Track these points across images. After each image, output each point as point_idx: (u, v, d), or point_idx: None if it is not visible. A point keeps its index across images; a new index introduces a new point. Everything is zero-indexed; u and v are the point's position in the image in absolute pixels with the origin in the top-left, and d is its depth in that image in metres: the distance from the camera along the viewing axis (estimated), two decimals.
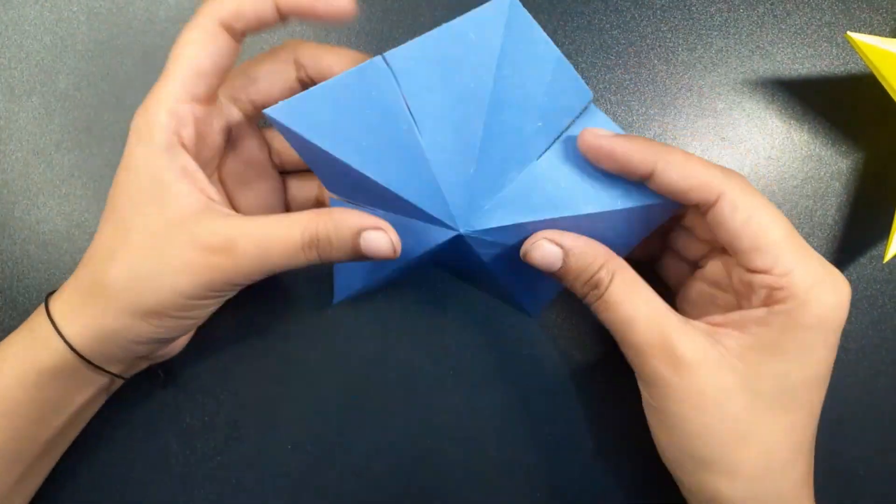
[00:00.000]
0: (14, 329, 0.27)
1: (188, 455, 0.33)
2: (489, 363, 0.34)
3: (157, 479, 0.33)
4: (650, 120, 0.35)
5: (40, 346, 0.26)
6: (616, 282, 0.26)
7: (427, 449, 0.33)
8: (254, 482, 0.33)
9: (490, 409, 0.34)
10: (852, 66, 0.35)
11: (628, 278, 0.26)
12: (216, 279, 0.25)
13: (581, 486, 0.33)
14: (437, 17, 0.35)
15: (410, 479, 0.33)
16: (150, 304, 0.26)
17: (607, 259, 0.27)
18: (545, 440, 0.34)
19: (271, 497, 0.33)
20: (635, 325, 0.26)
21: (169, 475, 0.33)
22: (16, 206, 0.34)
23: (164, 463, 0.33)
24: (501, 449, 0.34)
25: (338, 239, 0.26)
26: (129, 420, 0.33)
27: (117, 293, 0.26)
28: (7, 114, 0.34)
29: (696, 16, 0.35)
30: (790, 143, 0.35)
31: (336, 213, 0.26)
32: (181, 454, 0.33)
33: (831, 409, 0.29)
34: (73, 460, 0.31)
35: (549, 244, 0.27)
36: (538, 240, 0.27)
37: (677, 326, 0.25)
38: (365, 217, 0.26)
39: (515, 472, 0.33)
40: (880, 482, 0.32)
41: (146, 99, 0.26)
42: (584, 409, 0.34)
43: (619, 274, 0.26)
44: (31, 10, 0.35)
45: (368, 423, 0.34)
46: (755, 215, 0.25)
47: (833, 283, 0.24)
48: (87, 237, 0.34)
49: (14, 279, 0.34)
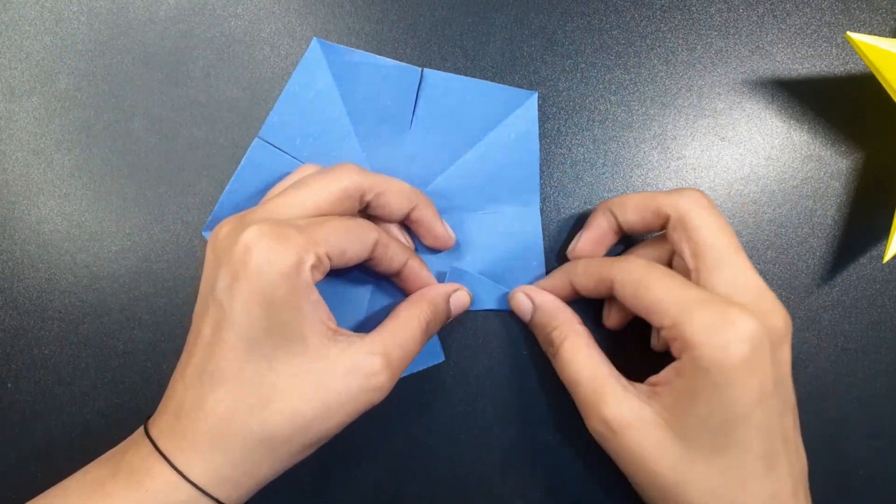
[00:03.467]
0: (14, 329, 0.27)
1: None
2: (489, 363, 0.34)
3: None
4: (650, 120, 0.35)
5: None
6: (566, 345, 0.29)
7: (427, 449, 0.33)
8: None
9: (490, 409, 0.34)
10: (852, 66, 0.35)
11: (578, 343, 0.29)
12: (376, 399, 0.27)
13: (581, 486, 0.33)
14: (437, 17, 0.35)
15: (410, 478, 0.33)
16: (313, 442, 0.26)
17: (563, 321, 0.30)
18: (545, 440, 0.34)
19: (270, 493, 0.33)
20: (578, 388, 0.29)
21: None
22: (16, 206, 0.34)
23: None
24: (501, 449, 0.34)
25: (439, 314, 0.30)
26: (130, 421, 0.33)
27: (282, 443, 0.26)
28: (7, 114, 0.34)
29: (696, 16, 0.35)
30: (790, 143, 0.35)
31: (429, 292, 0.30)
32: None
33: (831, 409, 0.29)
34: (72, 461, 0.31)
35: (524, 297, 0.32)
36: (517, 292, 0.32)
37: (613, 391, 0.27)
38: (444, 285, 0.32)
39: (515, 472, 0.33)
40: (880, 482, 0.32)
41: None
42: None
43: (570, 338, 0.29)
44: (31, 10, 0.35)
45: (368, 423, 0.34)
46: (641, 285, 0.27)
47: (724, 323, 0.25)
48: (86, 237, 0.34)
49: (14, 279, 0.34)
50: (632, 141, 0.35)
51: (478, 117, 0.34)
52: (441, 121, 0.34)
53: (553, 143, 0.35)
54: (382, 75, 0.34)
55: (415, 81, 0.34)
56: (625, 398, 0.27)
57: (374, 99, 0.34)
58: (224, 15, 0.35)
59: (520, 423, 0.34)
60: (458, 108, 0.34)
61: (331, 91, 0.34)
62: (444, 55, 0.35)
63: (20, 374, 0.33)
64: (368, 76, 0.34)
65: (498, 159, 0.34)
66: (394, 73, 0.34)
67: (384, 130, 0.34)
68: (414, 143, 0.34)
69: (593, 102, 0.35)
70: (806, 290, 0.35)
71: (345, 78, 0.34)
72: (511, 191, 0.34)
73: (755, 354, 0.24)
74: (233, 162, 0.34)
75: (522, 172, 0.34)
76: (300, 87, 0.34)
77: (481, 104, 0.34)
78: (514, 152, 0.34)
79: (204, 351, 0.26)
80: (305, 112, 0.34)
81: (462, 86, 0.34)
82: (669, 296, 0.26)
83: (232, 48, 0.35)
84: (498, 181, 0.34)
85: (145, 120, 0.34)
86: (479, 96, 0.34)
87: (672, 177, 0.35)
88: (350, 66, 0.34)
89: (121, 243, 0.34)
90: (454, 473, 0.33)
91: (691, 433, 0.26)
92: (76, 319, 0.34)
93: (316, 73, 0.34)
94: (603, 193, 0.34)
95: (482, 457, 0.33)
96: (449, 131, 0.34)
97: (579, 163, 0.35)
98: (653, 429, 0.26)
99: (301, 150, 0.33)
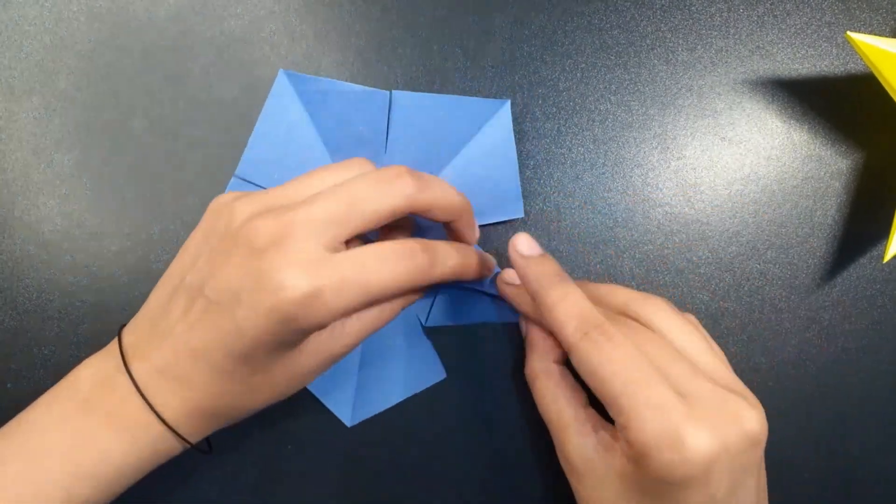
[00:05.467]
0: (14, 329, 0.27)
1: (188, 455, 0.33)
2: (489, 364, 0.34)
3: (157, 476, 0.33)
4: (650, 120, 0.35)
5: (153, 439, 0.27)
6: (536, 385, 0.30)
7: (426, 449, 0.33)
8: (254, 480, 0.33)
9: (490, 409, 0.34)
10: (852, 66, 0.35)
11: (547, 384, 0.29)
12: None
13: None
14: (437, 17, 0.35)
15: (410, 478, 0.33)
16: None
17: (540, 358, 0.30)
18: (545, 440, 0.34)
19: (270, 494, 0.33)
20: (548, 424, 0.29)
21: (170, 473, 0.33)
22: (16, 206, 0.34)
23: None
24: (501, 449, 0.34)
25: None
26: None
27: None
28: (7, 114, 0.34)
29: (696, 16, 0.35)
30: (790, 143, 0.35)
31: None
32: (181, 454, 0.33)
33: (831, 409, 0.29)
34: None
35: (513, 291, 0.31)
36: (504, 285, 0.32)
37: (575, 436, 0.27)
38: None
39: (515, 472, 0.33)
40: (880, 482, 0.32)
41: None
42: None
43: (540, 379, 0.30)
44: (31, 10, 0.35)
45: (368, 423, 0.34)
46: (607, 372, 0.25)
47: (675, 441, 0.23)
48: (86, 237, 0.34)
49: (14, 279, 0.34)
50: (632, 141, 0.35)
51: (451, 132, 0.33)
52: (416, 140, 0.33)
53: (553, 143, 0.35)
54: (352, 101, 0.34)
55: (385, 104, 0.34)
56: (582, 445, 0.27)
57: (348, 125, 0.33)
58: (224, 14, 0.35)
59: (520, 423, 0.34)
60: (431, 126, 0.34)
61: (303, 121, 0.33)
62: (444, 55, 0.35)
63: (20, 374, 0.33)
64: (338, 103, 0.34)
65: (477, 172, 0.33)
66: (363, 97, 0.34)
67: (360, 155, 0.32)
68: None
69: (593, 102, 0.35)
70: (806, 290, 0.35)
71: (316, 106, 0.34)
72: (494, 202, 0.34)
73: (706, 474, 0.23)
74: (233, 162, 0.34)
75: (503, 183, 0.34)
76: (272, 121, 0.34)
77: (454, 119, 0.34)
78: (492, 163, 0.33)
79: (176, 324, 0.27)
80: (280, 144, 0.33)
81: (433, 103, 0.34)
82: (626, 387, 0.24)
83: (232, 48, 0.35)
84: (480, 194, 0.33)
85: (145, 120, 0.34)
86: (451, 111, 0.34)
87: (672, 177, 0.35)
88: (319, 94, 0.34)
89: (121, 243, 0.34)
90: (454, 474, 0.33)
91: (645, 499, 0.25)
92: (76, 319, 0.34)
93: (287, 105, 0.34)
94: (603, 193, 0.34)
95: (482, 457, 0.33)
96: (424, 150, 0.33)
97: (579, 163, 0.35)
98: (603, 483, 0.26)
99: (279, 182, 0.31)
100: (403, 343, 0.33)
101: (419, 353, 0.33)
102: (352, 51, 0.35)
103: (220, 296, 0.25)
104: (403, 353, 0.33)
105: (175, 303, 0.27)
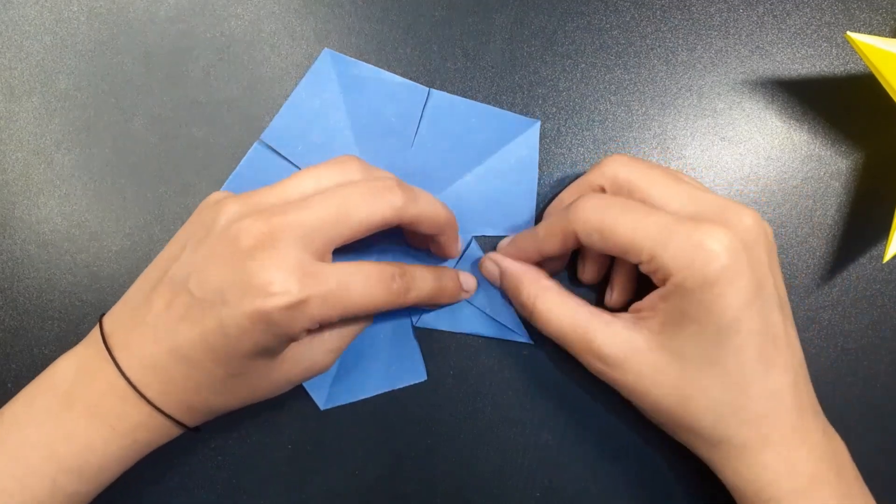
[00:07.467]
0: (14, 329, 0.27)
1: (188, 455, 0.33)
2: (489, 363, 0.34)
3: (157, 476, 0.33)
4: (650, 120, 0.35)
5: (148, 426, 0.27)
6: (538, 304, 0.30)
7: (427, 449, 0.33)
8: (253, 482, 0.33)
9: (490, 409, 0.34)
10: (852, 66, 0.35)
11: (549, 297, 0.30)
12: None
13: (581, 486, 0.33)
14: (437, 17, 0.35)
15: (410, 478, 0.33)
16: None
17: (529, 282, 0.30)
18: (545, 440, 0.34)
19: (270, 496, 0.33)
20: (565, 338, 0.29)
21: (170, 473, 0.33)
22: (16, 206, 0.34)
23: (164, 462, 0.33)
24: (501, 449, 0.34)
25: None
26: None
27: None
28: (7, 114, 0.34)
29: (696, 16, 0.35)
30: (790, 143, 0.35)
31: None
32: (182, 454, 0.33)
33: (831, 409, 0.29)
34: None
35: (491, 264, 0.32)
36: (485, 259, 0.32)
37: (598, 329, 0.28)
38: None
39: (515, 472, 0.33)
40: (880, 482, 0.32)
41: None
42: (584, 410, 0.34)
43: (540, 296, 0.30)
44: (31, 10, 0.35)
45: (368, 423, 0.34)
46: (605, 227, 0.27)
47: (698, 244, 0.25)
48: (86, 237, 0.34)
49: (14, 279, 0.34)
50: (632, 141, 0.35)
51: (480, 141, 0.34)
52: (443, 141, 0.34)
53: (553, 143, 0.35)
54: (389, 91, 0.34)
55: (421, 100, 0.34)
56: (612, 333, 0.28)
57: (379, 114, 0.34)
58: (224, 15, 0.35)
59: (520, 423, 0.34)
60: (461, 131, 0.34)
61: (337, 102, 0.34)
62: (444, 55, 0.35)
63: (20, 374, 0.33)
64: (375, 91, 0.34)
65: (496, 184, 0.34)
66: (401, 90, 0.34)
67: (386, 146, 0.34)
68: (415, 161, 0.34)
69: (593, 102, 0.35)
70: (806, 290, 0.35)
71: (352, 90, 0.34)
72: (506, 217, 0.34)
73: (732, 263, 0.25)
74: (233, 162, 0.34)
75: (519, 200, 0.34)
76: (306, 95, 0.34)
77: (484, 128, 0.34)
78: (512, 179, 0.34)
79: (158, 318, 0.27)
80: (309, 120, 0.34)
81: (467, 109, 0.34)
82: (637, 231, 0.26)
83: (232, 48, 0.35)
84: (494, 206, 0.34)
85: (145, 120, 0.34)
86: (483, 121, 0.34)
87: None
88: (358, 79, 0.34)
89: (121, 243, 0.34)
90: (454, 473, 0.33)
91: (685, 351, 0.26)
92: (76, 319, 0.34)
93: (324, 84, 0.34)
94: None
95: (482, 457, 0.33)
96: (450, 152, 0.34)
97: (579, 163, 0.35)
98: (647, 355, 0.27)
99: (302, 157, 0.33)
100: (390, 338, 0.33)
101: (404, 351, 0.33)
102: (352, 51, 0.35)
103: (204, 293, 0.25)
104: (388, 347, 0.33)
105: (158, 294, 0.27)
